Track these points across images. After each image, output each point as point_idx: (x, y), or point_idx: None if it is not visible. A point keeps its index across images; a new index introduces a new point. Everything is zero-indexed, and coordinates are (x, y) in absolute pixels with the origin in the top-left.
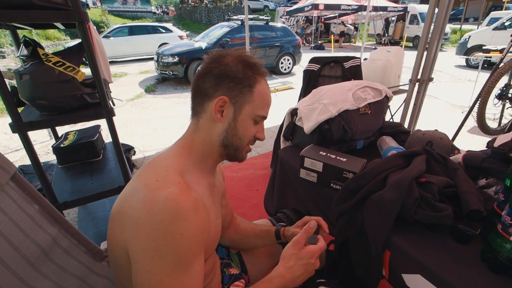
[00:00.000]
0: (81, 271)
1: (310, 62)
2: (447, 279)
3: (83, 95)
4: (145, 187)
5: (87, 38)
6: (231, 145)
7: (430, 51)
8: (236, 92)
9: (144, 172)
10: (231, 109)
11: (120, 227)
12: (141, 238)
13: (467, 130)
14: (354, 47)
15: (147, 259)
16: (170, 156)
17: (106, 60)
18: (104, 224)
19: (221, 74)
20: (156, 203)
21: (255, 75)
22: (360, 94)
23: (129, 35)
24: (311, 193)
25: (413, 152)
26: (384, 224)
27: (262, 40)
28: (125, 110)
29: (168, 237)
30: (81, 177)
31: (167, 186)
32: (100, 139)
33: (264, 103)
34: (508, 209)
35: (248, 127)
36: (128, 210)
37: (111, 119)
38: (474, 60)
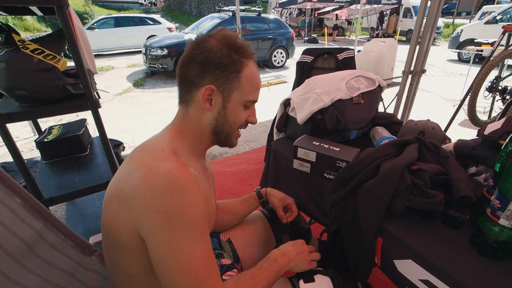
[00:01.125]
0: (69, 265)
1: (304, 54)
2: (437, 263)
3: (65, 86)
4: (143, 165)
5: (68, 24)
6: (221, 132)
7: (423, 44)
8: (223, 79)
9: (138, 154)
10: (220, 97)
11: (122, 209)
12: (153, 214)
13: (458, 123)
14: (348, 41)
15: (164, 231)
16: (164, 139)
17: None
18: (94, 221)
19: (206, 61)
20: (159, 177)
21: (241, 59)
22: (353, 83)
23: (115, 27)
24: (305, 184)
25: (405, 140)
26: (377, 211)
27: (254, 32)
28: (113, 105)
29: (180, 207)
30: (67, 172)
31: (166, 162)
32: (87, 133)
33: (253, 87)
34: (497, 193)
35: (238, 113)
36: (128, 190)
37: (96, 110)
38: (466, 54)
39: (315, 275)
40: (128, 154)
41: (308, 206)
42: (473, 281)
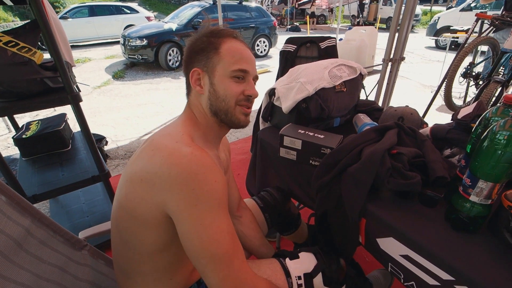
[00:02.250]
0: (60, 260)
1: (286, 43)
2: (416, 239)
3: (43, 79)
4: (166, 147)
5: (42, 14)
6: (219, 110)
7: (402, 32)
8: (204, 60)
9: (159, 137)
10: (206, 76)
11: (145, 186)
12: (179, 190)
13: (435, 108)
14: (329, 29)
15: (192, 207)
16: (181, 125)
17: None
18: (80, 217)
19: (189, 52)
20: (184, 157)
21: (219, 38)
22: (335, 72)
23: (90, 16)
24: (292, 171)
25: (385, 126)
26: (360, 194)
27: (236, 21)
28: (92, 98)
29: (206, 184)
30: (49, 169)
31: (188, 145)
32: (67, 128)
33: (237, 57)
34: (468, 172)
35: (228, 86)
36: (152, 169)
37: (77, 104)
38: (443, 41)
39: (299, 253)
40: (111, 149)
41: (296, 192)
42: (447, 253)
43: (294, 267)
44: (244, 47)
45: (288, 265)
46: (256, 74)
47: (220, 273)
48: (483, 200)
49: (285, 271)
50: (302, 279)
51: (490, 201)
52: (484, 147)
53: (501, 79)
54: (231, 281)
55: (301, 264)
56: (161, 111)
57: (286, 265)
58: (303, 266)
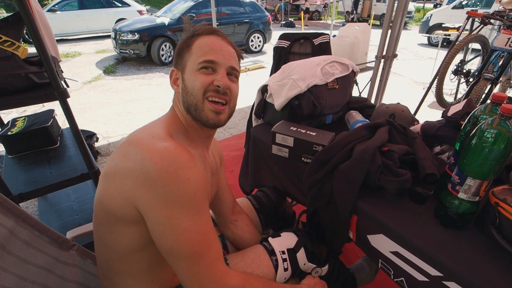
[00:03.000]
0: (47, 261)
1: (280, 39)
2: (405, 236)
3: (28, 75)
4: (141, 142)
5: (25, 7)
6: (189, 105)
7: (394, 28)
8: (179, 59)
9: (135, 134)
10: (179, 74)
11: (118, 181)
12: (150, 187)
13: (427, 105)
14: (324, 25)
15: (161, 204)
16: (161, 122)
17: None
18: (69, 216)
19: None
20: (158, 153)
21: (193, 37)
22: (328, 69)
23: (80, 9)
24: (284, 168)
25: (377, 123)
26: (351, 191)
27: (230, 16)
28: (82, 93)
29: (177, 182)
30: (37, 167)
31: (164, 141)
32: (55, 124)
33: (205, 50)
34: (456, 169)
35: (195, 78)
36: (125, 164)
37: (65, 100)
38: (435, 38)
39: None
40: (102, 145)
41: (289, 189)
42: (436, 250)
43: (277, 243)
44: (218, 39)
45: (271, 242)
46: (231, 65)
47: (188, 271)
48: (471, 197)
49: (268, 251)
50: (286, 254)
51: (477, 198)
52: (472, 145)
53: (491, 77)
54: (198, 279)
55: (283, 241)
56: (154, 107)
57: (270, 244)
58: (286, 243)
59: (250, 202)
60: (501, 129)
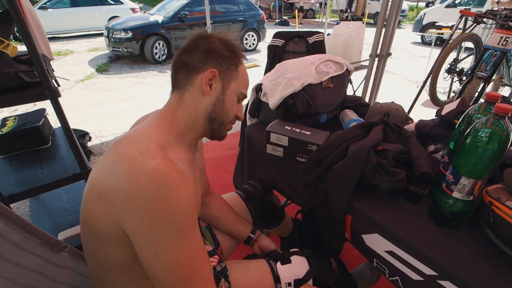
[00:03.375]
0: (37, 264)
1: (274, 37)
2: (400, 235)
3: (18, 73)
4: (128, 159)
5: (15, 4)
6: (217, 119)
7: (388, 27)
8: (224, 67)
9: (123, 144)
10: (220, 83)
11: (104, 201)
12: (135, 211)
13: (421, 103)
14: (318, 23)
15: (146, 231)
16: (150, 129)
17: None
18: (62, 216)
19: (210, 49)
20: (143, 174)
21: (238, 56)
22: (322, 68)
23: (72, 7)
24: (279, 168)
25: (371, 122)
26: (346, 191)
27: (224, 14)
28: (74, 92)
29: (163, 208)
30: (28, 167)
31: (152, 158)
32: (47, 124)
33: (246, 83)
34: (451, 169)
35: (233, 103)
36: (110, 183)
37: (56, 100)
38: (429, 37)
39: (291, 256)
40: (95, 144)
41: (284, 188)
42: (431, 249)
43: (285, 272)
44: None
45: (278, 270)
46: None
47: None
48: (465, 196)
49: (274, 276)
50: (292, 285)
51: (472, 197)
52: (466, 144)
53: (483, 75)
54: None
55: (292, 269)
56: (147, 105)
57: (277, 270)
58: (295, 272)
59: (237, 194)
60: (495, 128)
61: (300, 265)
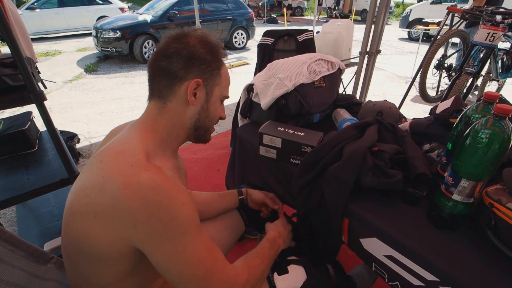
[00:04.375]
0: (21, 278)
1: (264, 36)
2: (399, 239)
3: (1, 77)
4: (119, 173)
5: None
6: (202, 126)
7: (378, 24)
8: (207, 74)
9: (109, 158)
10: (204, 91)
11: (101, 220)
12: (145, 224)
13: (410, 99)
14: (306, 21)
15: (162, 237)
16: (135, 139)
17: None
18: (49, 222)
19: (191, 56)
20: (143, 187)
21: (220, 58)
22: (314, 67)
23: (60, 7)
24: (272, 170)
25: (365, 122)
26: (342, 193)
27: (213, 13)
28: (63, 93)
29: (174, 211)
30: (14, 173)
31: (145, 169)
32: (33, 127)
33: (228, 83)
34: (450, 170)
35: (217, 108)
36: (107, 201)
37: (41, 103)
38: (415, 33)
39: (288, 265)
40: (84, 146)
41: (278, 190)
42: (431, 253)
43: (282, 283)
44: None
45: (275, 281)
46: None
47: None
48: (465, 198)
49: (271, 286)
50: None
51: (472, 199)
52: (466, 145)
53: (472, 71)
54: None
55: (290, 279)
56: (137, 105)
57: (273, 281)
58: (292, 283)
59: None
60: (496, 129)
61: (298, 275)
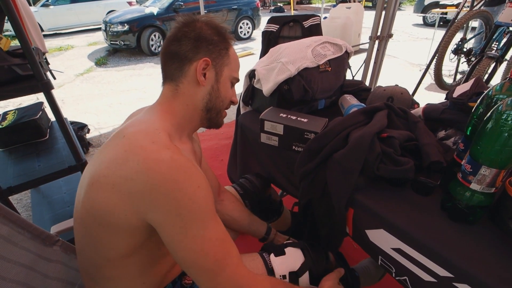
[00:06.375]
0: (27, 258)
1: (269, 23)
2: (408, 231)
3: (11, 67)
4: (142, 149)
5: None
6: (214, 108)
7: (389, 8)
8: (216, 54)
9: (132, 134)
10: (213, 71)
11: (118, 191)
12: (161, 200)
13: (424, 87)
14: (314, 9)
15: (176, 217)
16: (155, 120)
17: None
18: (61, 208)
19: (199, 37)
20: (163, 163)
21: (227, 39)
22: (319, 50)
23: (72, 3)
24: (274, 158)
25: (374, 107)
26: (347, 182)
27: (218, 3)
28: (75, 85)
29: (189, 193)
30: (26, 160)
31: (166, 147)
32: (45, 117)
33: (237, 66)
34: (468, 157)
35: (228, 89)
36: (126, 173)
37: (49, 92)
38: (431, 17)
39: (285, 248)
40: (94, 136)
41: (279, 179)
42: (444, 247)
43: (280, 265)
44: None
45: (272, 262)
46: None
47: (212, 282)
48: (485, 188)
49: (267, 268)
50: (287, 278)
51: (493, 189)
52: (487, 129)
53: (495, 54)
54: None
55: (287, 261)
56: (144, 97)
57: (270, 262)
58: (289, 264)
59: (234, 189)
60: None
61: (295, 257)
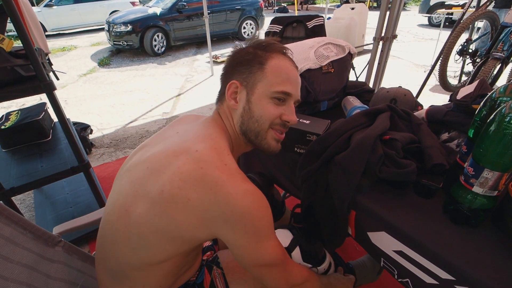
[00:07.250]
0: (30, 259)
1: (272, 23)
2: (410, 234)
3: (14, 68)
4: (217, 169)
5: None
6: (249, 130)
7: (393, 8)
8: (246, 73)
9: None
10: (244, 91)
11: (195, 211)
12: (237, 224)
13: (429, 88)
14: (318, 9)
15: (249, 237)
16: (221, 139)
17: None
18: (63, 208)
19: (233, 61)
20: (237, 196)
21: (267, 52)
22: (322, 51)
23: (75, 3)
24: (276, 160)
25: (377, 109)
26: (349, 184)
27: (221, 3)
28: (78, 86)
29: (262, 219)
30: (29, 160)
31: (237, 172)
32: (47, 117)
33: (282, 77)
34: (471, 160)
35: (265, 107)
36: (202, 195)
37: (51, 93)
38: (437, 18)
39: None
40: (97, 137)
41: (281, 180)
42: (446, 250)
43: None
44: (292, 66)
45: None
46: (298, 98)
47: (283, 273)
48: (488, 191)
49: None
50: None
51: (496, 192)
52: (490, 132)
53: (501, 56)
54: (286, 280)
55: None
56: (147, 97)
57: None
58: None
59: None
60: None
61: (284, 235)
